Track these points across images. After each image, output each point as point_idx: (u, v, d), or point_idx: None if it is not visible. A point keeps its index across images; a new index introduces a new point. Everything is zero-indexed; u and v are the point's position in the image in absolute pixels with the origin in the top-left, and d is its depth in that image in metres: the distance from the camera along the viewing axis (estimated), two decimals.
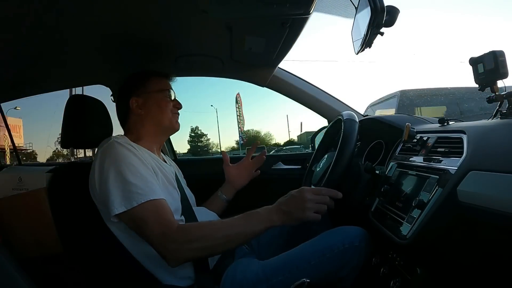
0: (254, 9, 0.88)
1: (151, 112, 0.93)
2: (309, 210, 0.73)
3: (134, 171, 0.76)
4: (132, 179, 0.74)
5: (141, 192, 0.74)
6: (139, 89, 0.94)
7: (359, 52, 0.86)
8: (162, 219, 0.73)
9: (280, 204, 0.76)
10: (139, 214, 0.73)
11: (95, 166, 0.80)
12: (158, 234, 0.71)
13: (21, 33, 0.92)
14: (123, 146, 0.80)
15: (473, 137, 0.63)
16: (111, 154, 0.78)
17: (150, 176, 0.79)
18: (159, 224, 0.72)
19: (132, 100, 0.92)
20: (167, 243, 0.70)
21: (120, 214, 0.74)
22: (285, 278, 0.76)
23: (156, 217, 0.72)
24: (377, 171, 0.91)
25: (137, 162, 0.79)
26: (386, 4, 0.72)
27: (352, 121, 0.93)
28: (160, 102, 0.94)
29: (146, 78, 0.96)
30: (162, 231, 0.71)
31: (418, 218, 0.64)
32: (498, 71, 0.69)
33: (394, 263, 0.79)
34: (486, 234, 0.55)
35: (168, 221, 0.73)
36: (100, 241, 0.81)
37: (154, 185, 0.77)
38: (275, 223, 0.73)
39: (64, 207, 0.89)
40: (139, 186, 0.74)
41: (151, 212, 0.73)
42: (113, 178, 0.75)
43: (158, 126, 0.94)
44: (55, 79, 1.34)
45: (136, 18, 0.95)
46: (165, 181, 0.85)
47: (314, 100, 1.50)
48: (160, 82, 0.97)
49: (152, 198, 0.74)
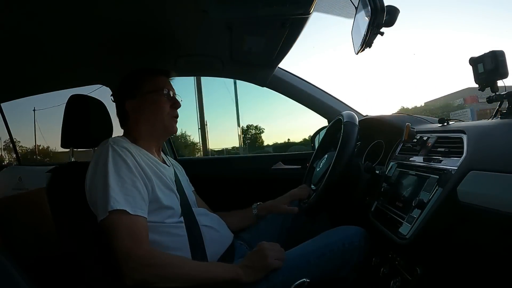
0: (254, 9, 0.88)
1: (145, 115, 0.90)
2: (270, 258, 0.76)
3: (118, 179, 0.74)
4: (114, 185, 0.73)
5: (119, 199, 0.72)
6: (133, 91, 0.90)
7: (359, 52, 0.86)
8: (133, 235, 0.71)
9: (244, 261, 0.78)
10: (113, 222, 0.71)
11: (89, 168, 0.79)
12: (124, 249, 0.69)
13: (21, 33, 0.92)
14: (116, 151, 0.78)
15: (473, 137, 0.63)
16: (104, 159, 0.77)
17: (135, 188, 0.76)
18: (128, 239, 0.70)
19: (127, 103, 0.90)
20: (130, 261, 0.68)
21: (101, 222, 0.72)
22: (285, 278, 0.76)
23: (127, 231, 0.71)
24: (377, 171, 0.91)
25: (125, 170, 0.76)
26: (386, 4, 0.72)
27: (352, 122, 0.93)
28: (154, 104, 0.90)
29: (140, 79, 0.92)
30: (128, 248, 0.69)
31: (418, 218, 0.64)
32: (498, 71, 0.69)
33: (394, 263, 0.79)
34: (486, 234, 0.55)
35: (138, 239, 0.71)
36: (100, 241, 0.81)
37: (136, 199, 0.75)
38: (241, 277, 0.74)
39: (64, 207, 0.89)
40: (118, 193, 0.73)
41: (124, 225, 0.71)
42: (100, 183, 0.74)
43: (153, 128, 0.91)
44: (55, 79, 1.34)
45: (136, 18, 0.95)
46: (160, 185, 0.83)
47: (314, 100, 1.50)
48: (154, 81, 0.92)
49: (128, 210, 0.72)
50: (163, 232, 0.79)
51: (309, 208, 0.97)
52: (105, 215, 0.71)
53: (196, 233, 0.84)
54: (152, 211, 0.78)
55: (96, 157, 0.79)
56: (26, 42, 0.98)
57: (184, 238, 0.81)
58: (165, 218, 0.81)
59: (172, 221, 0.82)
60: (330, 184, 0.89)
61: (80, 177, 0.84)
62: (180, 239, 0.80)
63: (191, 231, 0.83)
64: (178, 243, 0.80)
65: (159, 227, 0.79)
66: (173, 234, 0.80)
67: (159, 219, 0.80)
